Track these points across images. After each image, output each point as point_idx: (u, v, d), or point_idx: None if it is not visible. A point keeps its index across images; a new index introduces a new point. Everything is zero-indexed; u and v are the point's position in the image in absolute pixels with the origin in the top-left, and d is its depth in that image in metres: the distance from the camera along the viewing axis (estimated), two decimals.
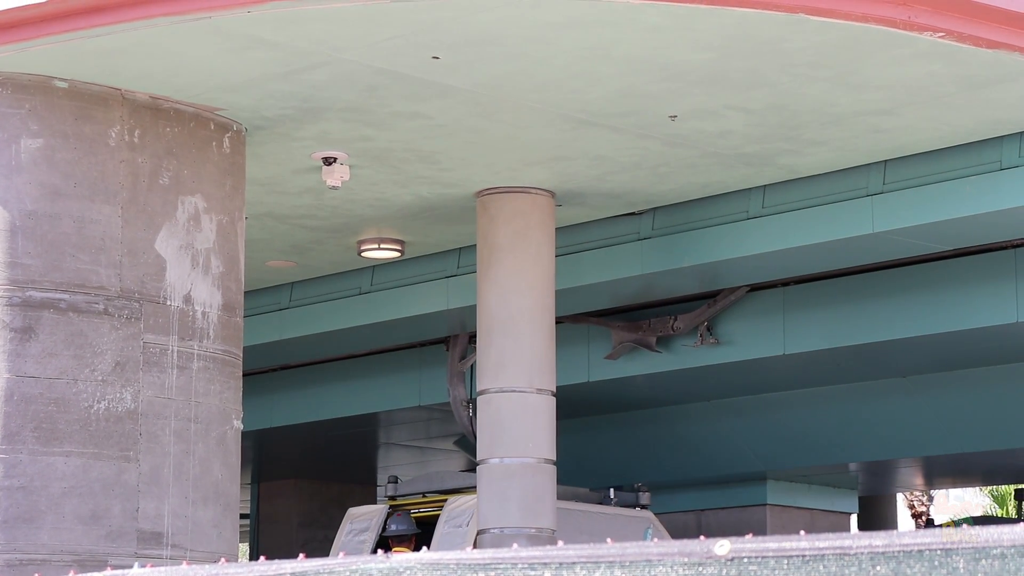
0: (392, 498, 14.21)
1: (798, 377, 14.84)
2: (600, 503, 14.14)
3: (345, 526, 14.08)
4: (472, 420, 14.39)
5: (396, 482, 14.34)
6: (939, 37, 8.70)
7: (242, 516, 20.40)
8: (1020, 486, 19.19)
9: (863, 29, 8.61)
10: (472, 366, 14.41)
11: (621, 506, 14.23)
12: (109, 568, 3.66)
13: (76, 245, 9.06)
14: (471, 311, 11.82)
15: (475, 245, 11.73)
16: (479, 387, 11.48)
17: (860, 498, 19.96)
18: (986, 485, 28.21)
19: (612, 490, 14.29)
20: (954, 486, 20.42)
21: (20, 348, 8.89)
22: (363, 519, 14.02)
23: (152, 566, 3.64)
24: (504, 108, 9.76)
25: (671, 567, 3.16)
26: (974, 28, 8.71)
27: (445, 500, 13.57)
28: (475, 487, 13.19)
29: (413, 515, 13.65)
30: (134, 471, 8.99)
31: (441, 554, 3.31)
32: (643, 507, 14.33)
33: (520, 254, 11.37)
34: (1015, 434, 15.26)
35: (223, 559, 3.70)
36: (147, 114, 9.35)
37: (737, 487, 17.45)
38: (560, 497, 13.75)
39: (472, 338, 14.16)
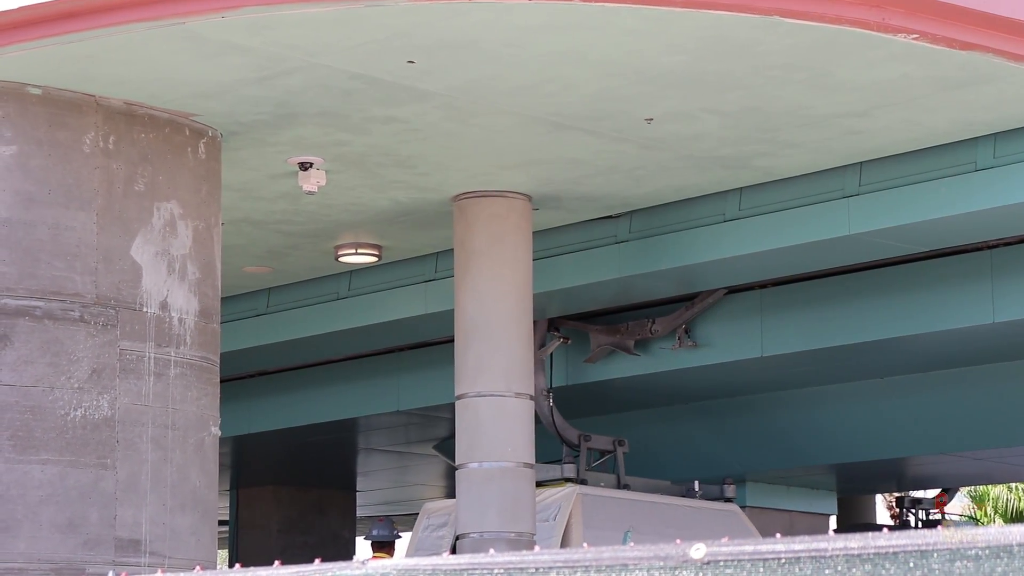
0: None
1: (776, 379, 14.86)
2: (684, 496, 13.85)
3: (421, 522, 13.52)
4: (552, 410, 13.93)
5: None
6: (913, 39, 8.72)
7: (221, 523, 20.35)
8: (900, 494, 19.33)
9: (837, 31, 8.63)
10: (552, 354, 14.17)
11: (706, 499, 13.92)
12: None
13: (51, 252, 9.03)
14: (451, 315, 11.81)
15: (452, 249, 11.72)
16: (457, 391, 11.46)
17: (839, 499, 20.00)
18: (964, 486, 28.28)
19: (697, 483, 13.95)
20: (932, 487, 20.48)
21: None
22: (440, 514, 13.42)
23: (127, 574, 3.63)
24: (480, 112, 9.75)
25: (647, 571, 3.16)
26: (948, 30, 8.74)
27: None
28: (561, 479, 12.86)
29: None
30: (111, 479, 8.96)
31: (416, 560, 3.30)
32: (728, 500, 14.02)
33: (497, 258, 11.37)
34: (992, 434, 15.31)
35: (198, 567, 3.69)
36: (122, 120, 9.32)
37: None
38: (643, 490, 13.58)
39: (551, 324, 14.02)
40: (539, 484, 13.00)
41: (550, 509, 12.82)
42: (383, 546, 12.99)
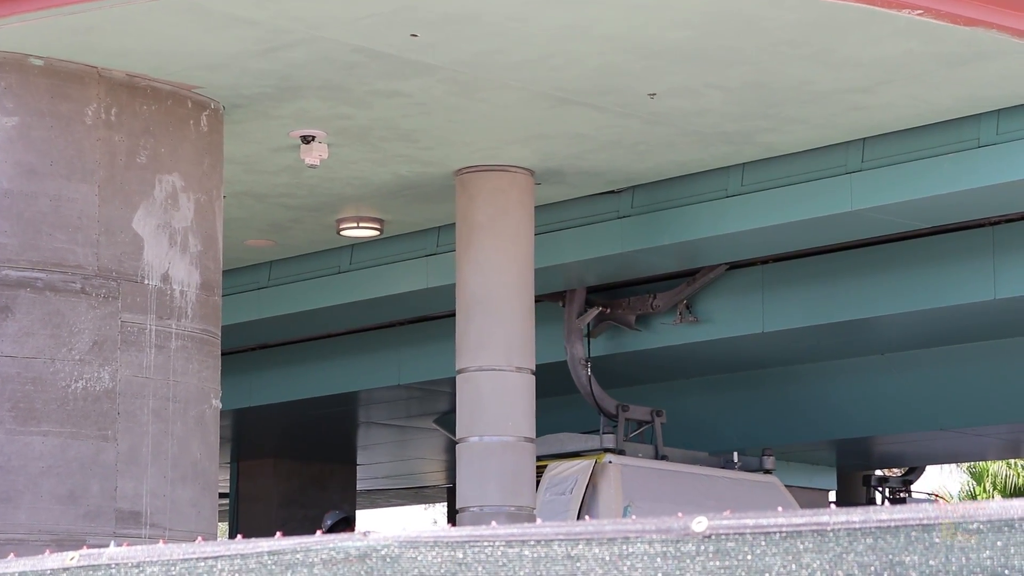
0: None
1: (777, 355, 14.87)
2: (723, 467, 13.82)
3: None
4: (591, 380, 13.90)
5: None
6: (917, 15, 8.70)
7: (221, 495, 20.37)
8: (867, 472, 19.36)
9: (842, 7, 8.61)
10: (590, 323, 14.12)
11: (745, 471, 13.91)
12: (85, 548, 3.65)
13: (53, 224, 9.02)
14: (453, 289, 11.81)
15: (454, 224, 11.71)
16: (458, 366, 11.47)
17: (838, 475, 20.02)
18: (963, 462, 28.32)
19: (736, 454, 13.94)
20: (932, 463, 20.52)
21: None
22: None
23: (129, 545, 3.63)
24: (483, 86, 9.73)
25: (649, 544, 3.17)
26: (952, 6, 8.71)
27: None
28: (597, 450, 12.79)
29: None
30: (112, 450, 8.97)
31: (419, 531, 3.31)
32: (768, 471, 14.01)
33: (499, 232, 11.36)
34: (992, 411, 15.32)
35: (200, 538, 3.69)
36: (124, 92, 9.31)
37: None
38: (680, 461, 13.56)
39: (590, 293, 13.98)
40: (572, 455, 13.01)
41: (566, 482, 12.81)
42: (347, 528, 13.01)
